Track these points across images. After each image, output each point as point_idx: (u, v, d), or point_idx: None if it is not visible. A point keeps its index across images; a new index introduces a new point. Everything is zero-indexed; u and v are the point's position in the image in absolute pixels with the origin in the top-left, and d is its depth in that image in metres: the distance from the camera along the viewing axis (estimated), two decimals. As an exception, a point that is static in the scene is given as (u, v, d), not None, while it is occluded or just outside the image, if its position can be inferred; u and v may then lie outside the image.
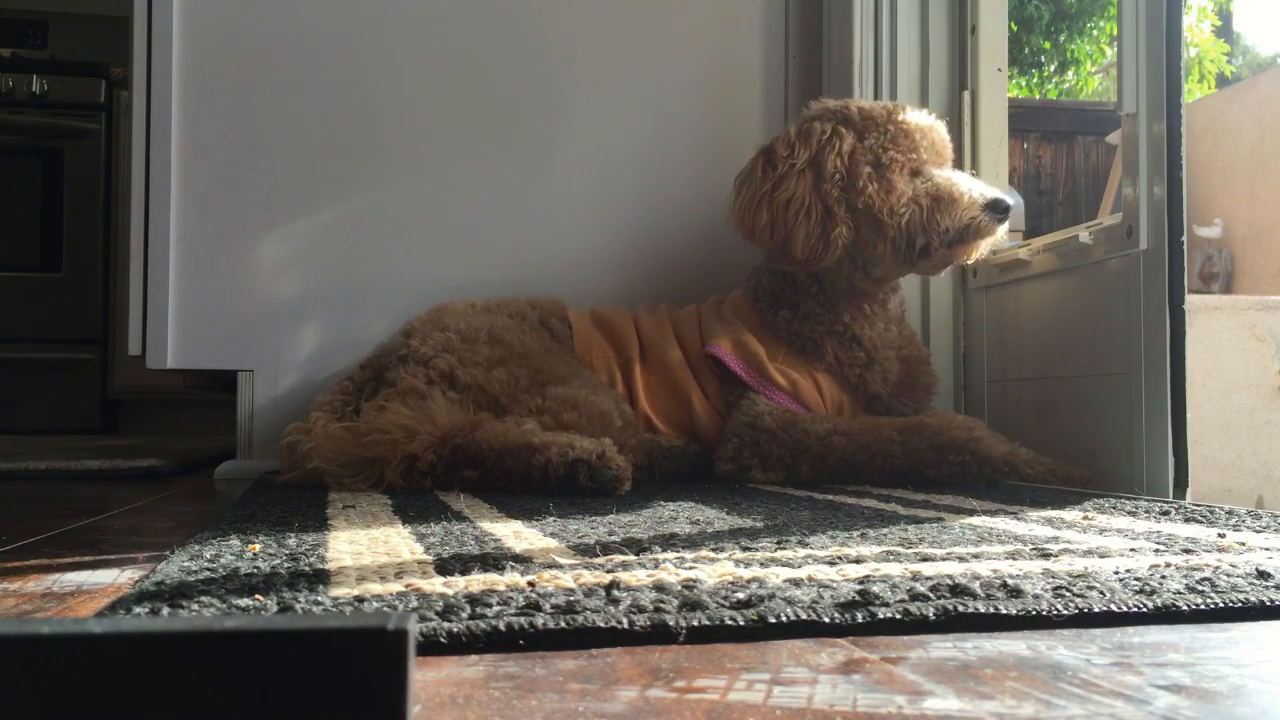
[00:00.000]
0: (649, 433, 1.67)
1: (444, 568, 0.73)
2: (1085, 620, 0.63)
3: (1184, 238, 1.38)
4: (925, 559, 0.78)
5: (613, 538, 0.89)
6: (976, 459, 1.49)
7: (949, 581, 0.67)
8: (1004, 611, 0.62)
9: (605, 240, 2.04)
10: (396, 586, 0.66)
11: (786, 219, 1.62)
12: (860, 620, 0.61)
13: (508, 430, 1.43)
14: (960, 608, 0.62)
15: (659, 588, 0.66)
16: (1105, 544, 0.87)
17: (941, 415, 1.58)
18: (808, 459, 1.54)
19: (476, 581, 0.68)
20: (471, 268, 1.98)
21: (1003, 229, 1.61)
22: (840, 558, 0.79)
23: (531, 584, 0.67)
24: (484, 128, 2.02)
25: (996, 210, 1.59)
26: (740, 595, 0.63)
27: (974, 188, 1.61)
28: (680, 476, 1.61)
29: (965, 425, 1.53)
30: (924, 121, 1.66)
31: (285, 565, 0.75)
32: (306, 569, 0.73)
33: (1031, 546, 0.84)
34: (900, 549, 0.83)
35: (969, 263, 1.69)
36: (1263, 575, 0.71)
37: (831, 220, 1.61)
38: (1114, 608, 0.64)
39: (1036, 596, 0.65)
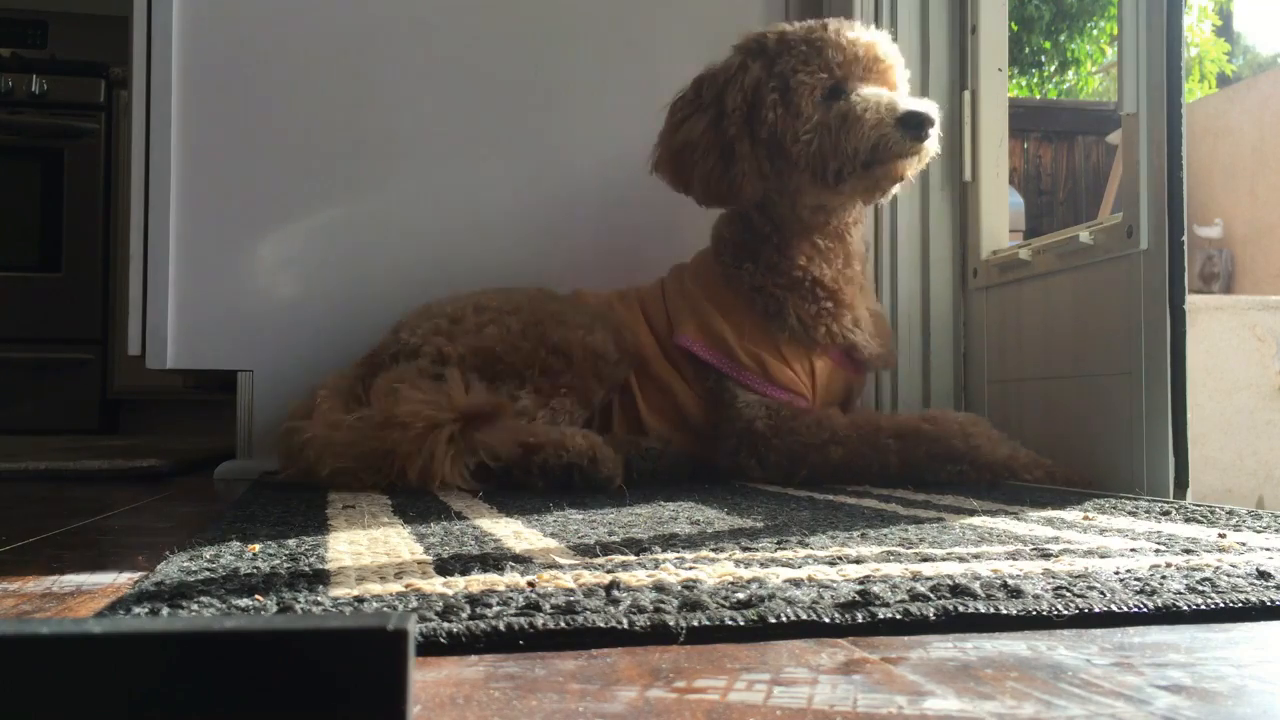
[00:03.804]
0: (632, 434, 1.65)
1: (444, 568, 0.73)
2: (1085, 620, 0.63)
3: (1184, 238, 1.38)
4: (925, 559, 0.78)
5: (613, 538, 0.89)
6: (975, 467, 1.48)
7: (949, 582, 0.67)
8: (1004, 612, 0.62)
9: (607, 240, 2.03)
10: (396, 586, 0.66)
11: (686, 162, 1.57)
12: (860, 620, 0.61)
13: (504, 439, 1.44)
14: (960, 608, 0.62)
15: (659, 588, 0.66)
16: (1106, 544, 0.87)
17: (940, 419, 1.54)
18: (804, 467, 1.52)
19: (476, 582, 0.68)
20: (472, 267, 1.98)
21: (930, 145, 1.49)
22: (840, 558, 0.78)
23: (531, 584, 0.67)
24: (485, 128, 2.02)
25: (909, 125, 1.45)
26: (740, 595, 0.63)
27: (884, 103, 1.47)
28: (659, 476, 1.56)
29: (963, 432, 1.50)
30: (850, 36, 1.53)
31: (285, 565, 0.75)
32: (306, 569, 0.73)
33: (1032, 547, 0.84)
34: (900, 549, 0.83)
35: (902, 183, 1.57)
36: (1263, 575, 0.71)
37: (732, 158, 1.54)
38: (1114, 608, 0.64)
39: (1037, 597, 0.65)
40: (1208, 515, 1.05)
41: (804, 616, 0.60)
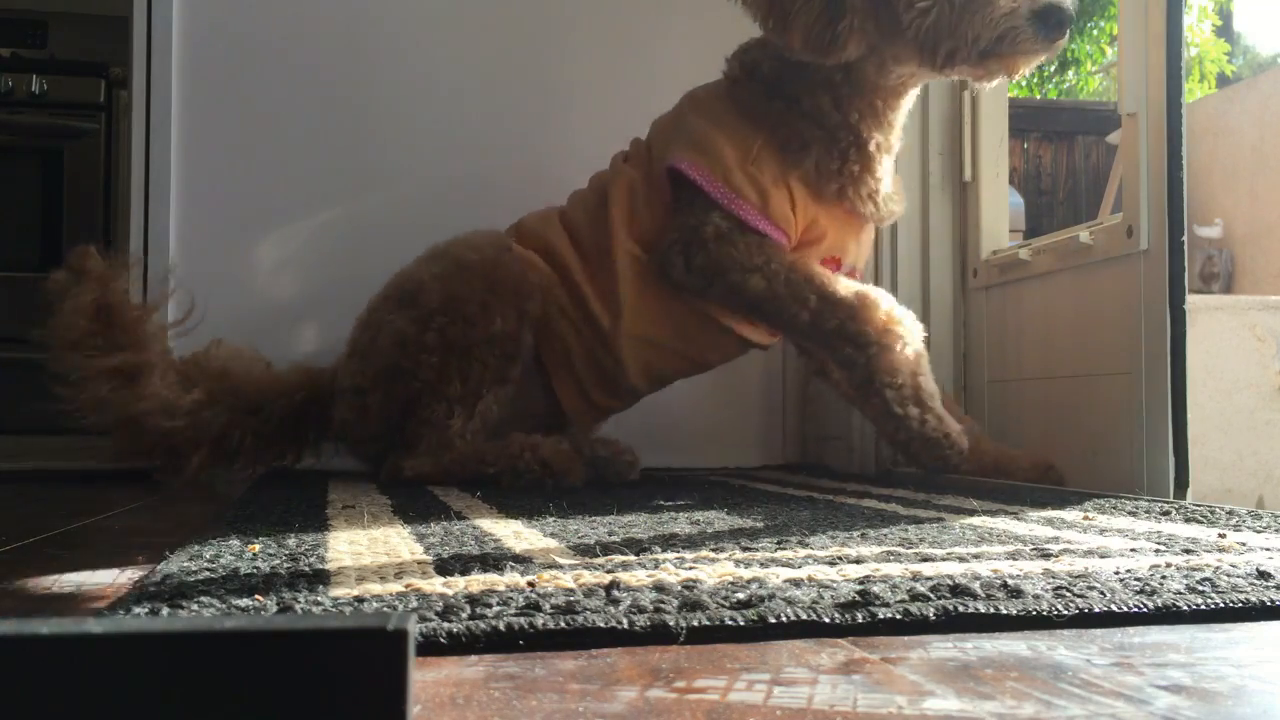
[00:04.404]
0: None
1: (444, 568, 0.73)
2: (1086, 620, 0.63)
3: (1184, 238, 1.38)
4: (925, 559, 0.78)
5: (613, 538, 0.89)
6: (867, 360, 1.38)
7: (949, 582, 0.67)
8: (1004, 612, 0.62)
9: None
10: (396, 586, 0.66)
11: (785, 3, 1.37)
12: (860, 620, 0.61)
13: (462, 466, 1.48)
14: (960, 608, 0.62)
15: (659, 588, 0.66)
16: (1106, 544, 0.87)
17: (869, 302, 1.40)
18: (722, 285, 1.45)
19: (476, 582, 0.68)
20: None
21: (1064, 42, 1.31)
22: (840, 558, 0.78)
23: (531, 584, 0.67)
24: (485, 128, 2.02)
25: (1046, 23, 1.27)
26: (740, 595, 0.63)
27: None
28: (607, 481, 1.52)
29: (883, 329, 1.39)
30: None
31: (285, 565, 0.74)
32: (306, 569, 0.73)
33: (1032, 546, 0.84)
34: (900, 549, 0.83)
35: (1017, 78, 1.41)
36: (1263, 575, 0.71)
37: (840, 9, 1.34)
38: (1114, 608, 0.64)
39: (1037, 597, 0.65)
40: (1208, 515, 1.05)
41: (804, 616, 0.60)
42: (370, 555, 0.80)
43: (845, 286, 1.44)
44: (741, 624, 0.59)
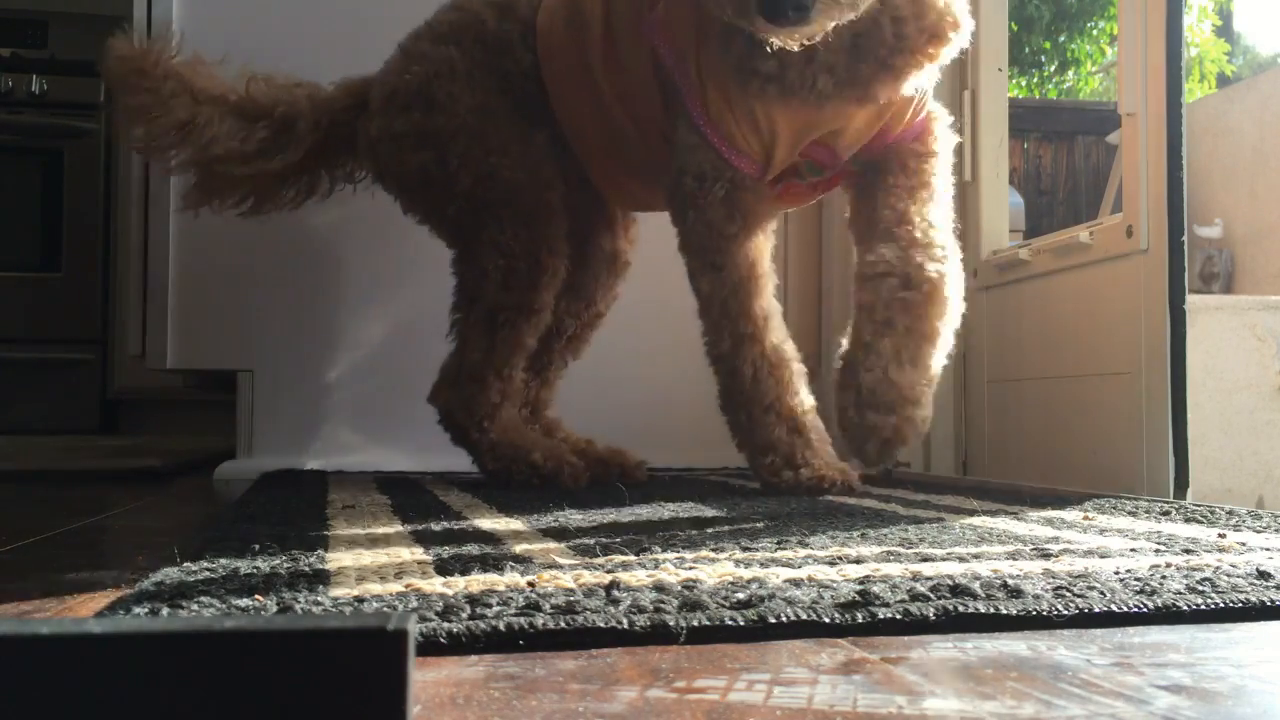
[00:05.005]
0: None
1: (444, 568, 0.73)
2: (1086, 620, 0.63)
3: (1184, 238, 1.38)
4: (925, 559, 0.78)
5: (613, 538, 0.89)
6: (742, 435, 1.35)
7: (949, 582, 0.67)
8: (1004, 612, 0.62)
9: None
10: (396, 586, 0.66)
11: None
12: (860, 620, 0.61)
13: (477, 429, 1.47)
14: (960, 608, 0.62)
15: (659, 588, 0.66)
16: (1106, 544, 0.87)
17: (758, 397, 1.32)
18: (685, 253, 1.38)
19: (476, 582, 0.68)
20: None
21: (804, 30, 1.14)
22: (840, 558, 0.79)
23: (531, 584, 0.67)
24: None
25: (765, 6, 1.12)
26: (740, 595, 0.63)
27: None
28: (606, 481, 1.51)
29: (761, 411, 1.33)
30: None
31: (285, 565, 0.75)
32: (306, 569, 0.73)
33: (1032, 546, 0.84)
34: (900, 549, 0.83)
35: (789, 44, 1.19)
36: (1263, 575, 0.71)
37: None
38: (1114, 608, 0.64)
39: (1037, 597, 0.65)
40: (1208, 515, 1.05)
41: (804, 616, 0.60)
42: (370, 555, 0.80)
43: (760, 347, 1.34)
44: (741, 624, 0.59)
